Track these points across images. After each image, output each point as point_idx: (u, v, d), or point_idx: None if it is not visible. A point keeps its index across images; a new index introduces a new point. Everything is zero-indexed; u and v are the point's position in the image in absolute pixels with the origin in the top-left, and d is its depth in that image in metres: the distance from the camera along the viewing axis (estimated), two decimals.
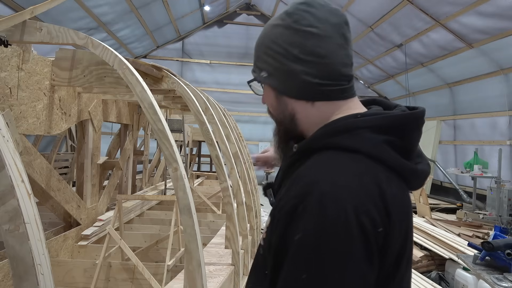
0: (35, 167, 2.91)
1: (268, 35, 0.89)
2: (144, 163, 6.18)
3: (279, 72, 0.85)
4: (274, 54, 0.85)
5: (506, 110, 7.42)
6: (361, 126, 0.76)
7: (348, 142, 0.75)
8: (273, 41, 0.86)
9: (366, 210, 0.66)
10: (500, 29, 6.48)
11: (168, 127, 1.78)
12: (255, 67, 0.91)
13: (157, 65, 2.98)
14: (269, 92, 0.90)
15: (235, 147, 3.40)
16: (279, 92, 0.87)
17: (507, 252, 3.19)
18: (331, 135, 0.78)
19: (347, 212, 0.64)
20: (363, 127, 0.76)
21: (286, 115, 0.88)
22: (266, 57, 0.87)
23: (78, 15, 7.22)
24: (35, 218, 1.08)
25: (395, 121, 0.78)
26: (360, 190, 0.67)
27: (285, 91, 0.86)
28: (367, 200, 0.67)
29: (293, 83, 0.84)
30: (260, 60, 0.89)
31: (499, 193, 6.26)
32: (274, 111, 0.92)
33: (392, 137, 0.75)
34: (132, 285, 3.10)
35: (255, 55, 0.91)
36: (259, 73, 0.89)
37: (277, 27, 0.87)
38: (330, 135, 0.78)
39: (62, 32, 2.00)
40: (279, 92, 0.87)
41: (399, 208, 0.71)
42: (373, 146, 0.74)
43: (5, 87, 2.37)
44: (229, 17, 12.24)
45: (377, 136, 0.75)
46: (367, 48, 10.31)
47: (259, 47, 0.90)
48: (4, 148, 1.06)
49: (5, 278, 2.43)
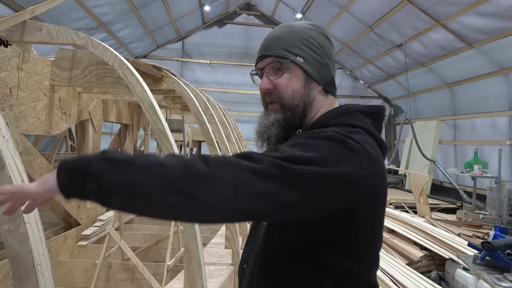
0: (35, 167, 2.91)
1: (303, 31, 1.03)
2: None
3: (316, 62, 1.02)
4: (313, 47, 1.02)
5: (506, 110, 7.41)
6: (356, 110, 0.99)
7: (353, 121, 0.95)
8: (311, 37, 1.03)
9: None
10: (500, 29, 6.48)
11: (168, 127, 1.78)
12: (287, 52, 1.00)
13: (157, 65, 2.99)
14: (297, 77, 1.01)
15: (235, 147, 3.40)
16: (312, 77, 1.01)
17: (507, 252, 3.19)
18: (337, 115, 0.99)
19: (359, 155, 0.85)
20: (357, 111, 0.99)
21: (306, 100, 1.01)
22: (304, 47, 1.01)
23: (78, 15, 7.21)
24: (35, 218, 1.08)
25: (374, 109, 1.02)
26: None
27: (317, 79, 1.02)
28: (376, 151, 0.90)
29: (325, 75, 1.03)
30: (296, 47, 1.01)
31: (499, 193, 6.26)
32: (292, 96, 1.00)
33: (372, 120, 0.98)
34: (132, 285, 3.10)
35: (286, 42, 1.01)
36: (295, 57, 1.00)
37: (310, 30, 1.04)
38: (336, 116, 0.98)
39: (62, 32, 2.00)
40: (312, 78, 1.01)
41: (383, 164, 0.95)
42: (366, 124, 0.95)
43: (5, 87, 2.37)
44: (229, 17, 12.24)
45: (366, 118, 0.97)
46: (367, 48, 10.31)
47: (294, 37, 1.02)
48: (4, 148, 1.06)
49: (5, 278, 2.43)
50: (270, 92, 1.03)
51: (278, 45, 1.02)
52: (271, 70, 1.02)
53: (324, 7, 9.59)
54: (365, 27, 9.22)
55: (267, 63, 1.03)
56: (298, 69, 1.01)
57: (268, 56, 1.03)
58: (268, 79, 1.02)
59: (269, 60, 1.02)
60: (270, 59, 1.02)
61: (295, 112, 1.01)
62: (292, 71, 1.01)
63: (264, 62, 1.04)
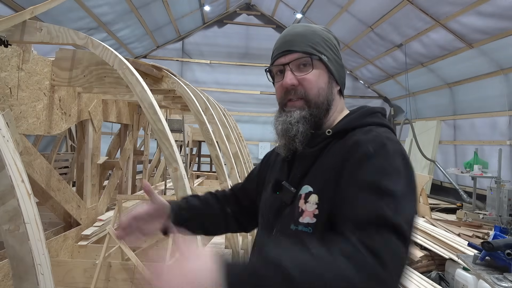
0: (35, 167, 2.91)
1: (321, 32, 1.06)
2: (144, 163, 6.17)
3: (336, 63, 1.06)
4: (332, 48, 1.05)
5: (506, 110, 7.41)
6: (377, 111, 1.04)
7: (377, 120, 1.00)
8: (329, 38, 1.06)
9: None
10: (500, 29, 6.48)
11: (168, 127, 1.79)
12: (313, 49, 1.01)
13: (157, 65, 2.99)
14: (323, 75, 1.03)
15: (235, 147, 3.40)
16: (334, 77, 1.04)
17: (507, 252, 3.19)
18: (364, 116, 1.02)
19: (406, 155, 0.91)
20: (378, 112, 1.04)
21: (330, 98, 1.03)
22: (326, 47, 1.04)
23: (78, 15, 7.21)
24: (35, 218, 1.08)
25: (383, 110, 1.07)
26: None
27: (338, 79, 1.06)
28: None
29: (343, 76, 1.08)
30: (320, 46, 1.03)
31: (499, 193, 6.25)
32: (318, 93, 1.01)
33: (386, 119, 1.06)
34: (132, 285, 3.10)
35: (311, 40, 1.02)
36: (320, 55, 1.02)
37: (326, 32, 1.08)
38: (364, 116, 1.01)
39: (62, 32, 2.00)
40: (334, 77, 1.04)
41: None
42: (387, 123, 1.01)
43: (5, 87, 2.37)
44: (229, 17, 12.23)
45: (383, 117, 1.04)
46: (367, 48, 10.31)
47: (317, 36, 1.04)
48: (4, 148, 1.06)
49: (5, 278, 2.43)
50: (294, 88, 1.00)
51: (305, 42, 1.01)
52: (295, 66, 1.01)
53: (324, 7, 9.59)
54: (365, 27, 9.22)
55: (292, 58, 1.00)
56: (323, 66, 1.02)
57: (294, 52, 1.00)
58: (293, 74, 1.00)
59: (296, 56, 1.00)
60: (297, 55, 1.00)
61: (320, 110, 1.00)
62: (318, 68, 1.01)
63: (288, 58, 1.01)
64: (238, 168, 3.27)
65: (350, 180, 0.87)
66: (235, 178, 3.06)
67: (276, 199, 1.04)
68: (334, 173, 0.92)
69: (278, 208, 1.02)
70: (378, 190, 0.81)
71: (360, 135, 0.94)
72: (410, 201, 0.85)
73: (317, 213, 0.92)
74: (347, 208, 0.84)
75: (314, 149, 0.99)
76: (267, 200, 1.10)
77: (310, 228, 0.92)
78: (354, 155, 0.89)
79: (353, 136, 0.95)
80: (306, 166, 1.00)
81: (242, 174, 3.43)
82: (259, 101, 12.29)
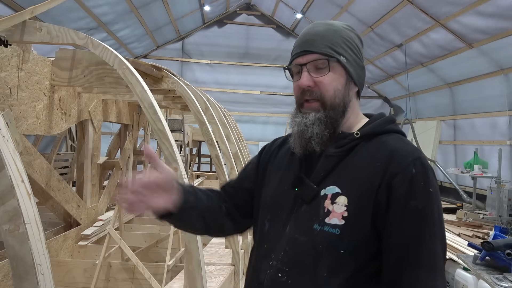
0: (35, 167, 2.91)
1: (343, 31, 1.04)
2: (144, 163, 6.17)
3: (356, 64, 1.05)
4: (353, 49, 1.04)
5: (506, 110, 7.40)
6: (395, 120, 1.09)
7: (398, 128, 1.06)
8: (351, 38, 1.05)
9: None
10: (500, 29, 6.48)
11: (168, 127, 1.79)
12: (332, 50, 1.00)
13: (157, 65, 2.99)
14: (340, 76, 1.02)
15: (235, 147, 3.40)
16: (353, 79, 1.04)
17: (507, 252, 3.19)
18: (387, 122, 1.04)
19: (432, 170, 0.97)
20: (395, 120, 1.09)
21: (346, 100, 1.03)
22: (346, 47, 1.03)
23: (78, 15, 7.21)
24: (35, 218, 1.08)
25: None
26: None
27: (357, 80, 1.05)
28: None
29: (362, 77, 1.08)
30: (339, 47, 1.01)
31: (499, 193, 6.25)
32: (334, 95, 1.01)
33: None
34: (132, 285, 3.10)
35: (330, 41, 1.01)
36: (339, 56, 1.01)
37: (349, 31, 1.06)
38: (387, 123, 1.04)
39: (62, 32, 2.00)
40: (352, 79, 1.04)
41: None
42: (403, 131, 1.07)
43: (5, 87, 2.37)
44: (229, 17, 12.23)
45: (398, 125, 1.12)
46: (367, 48, 10.30)
47: (337, 36, 1.03)
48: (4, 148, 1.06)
49: (5, 278, 2.43)
50: (310, 89, 1.00)
51: (324, 42, 1.00)
52: (313, 67, 1.00)
53: (324, 7, 9.58)
54: (365, 27, 9.21)
55: (310, 59, 1.00)
56: (341, 68, 1.01)
57: (312, 53, 1.00)
58: (309, 75, 1.00)
59: (314, 57, 1.00)
60: (314, 56, 1.00)
61: (336, 111, 1.01)
62: (335, 70, 1.01)
63: (306, 58, 1.01)
64: (238, 168, 3.27)
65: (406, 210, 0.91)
66: None
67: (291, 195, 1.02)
68: (370, 179, 0.93)
69: (293, 204, 1.00)
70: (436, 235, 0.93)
71: (395, 144, 0.98)
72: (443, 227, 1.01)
73: (346, 215, 0.92)
74: (411, 251, 0.90)
75: (341, 149, 0.99)
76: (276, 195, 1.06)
77: (337, 229, 0.92)
78: (403, 173, 0.92)
79: (385, 143, 0.98)
80: (330, 166, 0.99)
81: None
82: (259, 101, 12.29)
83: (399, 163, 0.92)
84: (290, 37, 12.10)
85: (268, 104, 12.13)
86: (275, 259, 0.97)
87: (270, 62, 12.11)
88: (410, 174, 0.91)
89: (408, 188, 0.90)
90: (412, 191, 0.90)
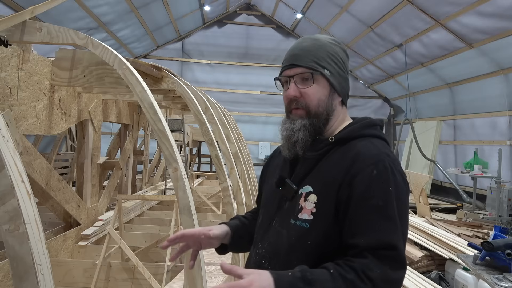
0: (35, 167, 2.91)
1: (328, 46, 1.15)
2: (144, 163, 6.17)
3: (340, 76, 1.15)
4: (337, 62, 1.14)
5: (506, 110, 7.40)
6: (376, 124, 1.16)
7: (376, 132, 1.13)
8: (335, 52, 1.15)
9: None
10: (500, 29, 6.48)
11: (168, 127, 1.79)
12: (316, 64, 1.11)
13: (157, 65, 2.99)
14: (324, 88, 1.13)
15: (235, 147, 3.40)
16: (336, 90, 1.14)
17: (507, 252, 3.19)
18: (365, 127, 1.13)
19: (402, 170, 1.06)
20: (377, 124, 1.16)
21: (330, 109, 1.13)
22: (330, 61, 1.13)
23: (78, 15, 7.21)
24: (35, 218, 1.08)
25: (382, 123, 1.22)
26: None
27: (340, 91, 1.15)
28: None
29: (345, 88, 1.17)
30: (324, 61, 1.12)
31: (499, 193, 6.26)
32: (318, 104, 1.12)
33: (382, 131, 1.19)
34: (132, 285, 3.10)
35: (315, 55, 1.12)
36: (323, 70, 1.12)
37: (334, 45, 1.16)
38: (364, 128, 1.13)
39: (62, 32, 2.00)
40: (335, 90, 1.14)
41: None
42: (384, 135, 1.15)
43: (5, 87, 2.37)
44: (229, 17, 12.23)
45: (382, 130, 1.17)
46: (367, 48, 10.31)
47: (321, 51, 1.13)
48: (4, 148, 1.06)
49: (5, 278, 2.43)
50: (297, 99, 1.12)
51: (309, 57, 1.12)
52: (299, 79, 1.12)
53: (324, 7, 9.58)
54: (365, 27, 9.22)
55: (296, 72, 1.12)
56: (324, 80, 1.12)
57: (298, 66, 1.12)
58: (296, 87, 1.12)
59: (300, 70, 1.12)
60: (300, 69, 1.12)
61: (320, 119, 1.12)
62: (319, 82, 1.12)
63: (293, 71, 1.13)
64: (238, 168, 3.28)
65: (360, 202, 0.99)
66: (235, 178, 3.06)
67: (278, 193, 1.16)
68: (334, 179, 1.04)
69: (279, 202, 1.15)
70: (386, 217, 0.97)
71: (361, 148, 1.06)
72: (407, 221, 1.05)
73: (315, 211, 1.05)
74: (359, 229, 0.97)
75: (317, 153, 1.11)
76: (269, 193, 1.23)
77: (307, 224, 1.05)
78: (362, 173, 1.01)
79: (354, 147, 1.07)
80: (308, 168, 1.11)
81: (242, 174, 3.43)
82: (259, 101, 12.29)
83: (360, 165, 1.02)
84: (290, 37, 12.10)
85: (268, 104, 12.13)
86: (261, 247, 1.15)
87: (270, 62, 12.11)
88: (370, 175, 1.00)
89: (366, 187, 0.99)
90: (371, 190, 0.99)
